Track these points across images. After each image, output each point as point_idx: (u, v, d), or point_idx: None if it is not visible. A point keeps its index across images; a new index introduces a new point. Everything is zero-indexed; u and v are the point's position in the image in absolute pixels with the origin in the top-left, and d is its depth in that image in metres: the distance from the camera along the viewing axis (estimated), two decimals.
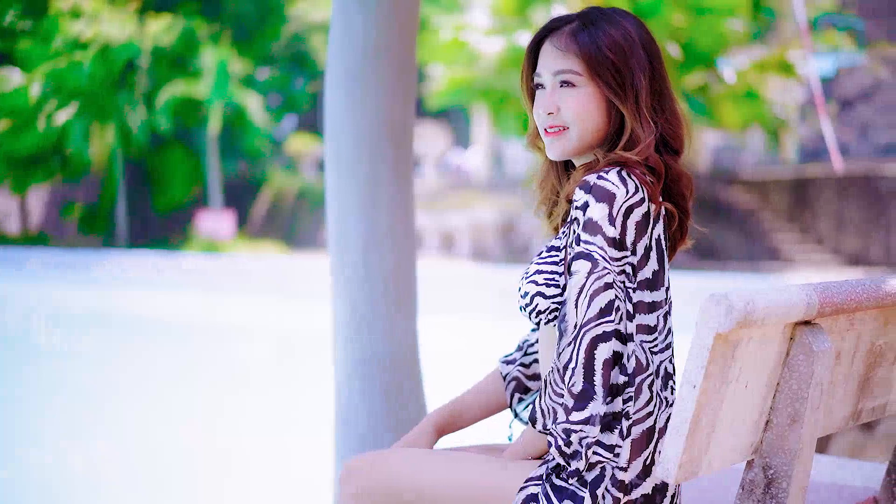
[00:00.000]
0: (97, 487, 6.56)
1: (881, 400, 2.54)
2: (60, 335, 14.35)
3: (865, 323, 2.34)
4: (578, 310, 2.10)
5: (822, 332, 2.13)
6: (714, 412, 1.99)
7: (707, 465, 2.04)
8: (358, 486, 2.30)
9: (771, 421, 2.14)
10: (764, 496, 2.13)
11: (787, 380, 2.12)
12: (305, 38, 32.30)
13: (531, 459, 2.29)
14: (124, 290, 20.73)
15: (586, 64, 2.22)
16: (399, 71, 3.67)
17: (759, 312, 1.93)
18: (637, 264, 2.15)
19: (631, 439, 2.14)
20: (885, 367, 2.49)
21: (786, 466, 2.12)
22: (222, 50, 29.18)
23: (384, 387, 3.67)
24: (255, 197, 32.30)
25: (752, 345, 2.02)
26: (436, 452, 2.35)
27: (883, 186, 20.62)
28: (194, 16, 30.07)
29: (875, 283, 2.27)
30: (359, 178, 3.66)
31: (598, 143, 2.28)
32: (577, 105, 2.23)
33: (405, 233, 3.70)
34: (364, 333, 3.66)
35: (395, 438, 3.64)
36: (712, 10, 20.91)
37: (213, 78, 28.71)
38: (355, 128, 3.64)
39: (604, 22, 2.24)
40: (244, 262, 25.30)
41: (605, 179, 2.13)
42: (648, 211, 2.16)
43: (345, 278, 3.69)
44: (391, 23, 3.63)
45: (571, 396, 2.09)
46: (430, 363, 4.34)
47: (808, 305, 2.06)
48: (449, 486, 2.24)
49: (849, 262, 20.62)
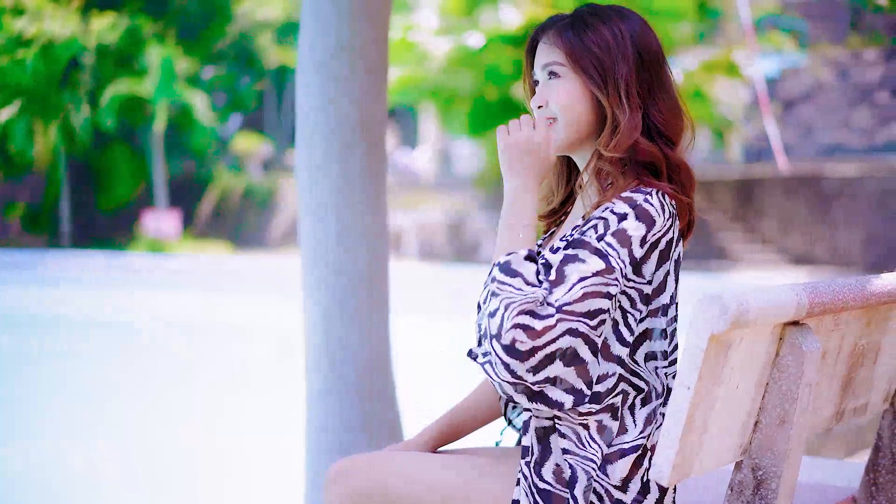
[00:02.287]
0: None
1: (863, 400, 2.54)
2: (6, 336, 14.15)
3: (849, 323, 2.34)
4: (566, 290, 2.05)
5: (811, 332, 2.12)
6: (706, 413, 1.97)
7: (699, 465, 2.02)
8: (347, 488, 2.27)
9: (760, 422, 2.13)
10: (753, 497, 2.12)
11: (776, 380, 2.11)
12: (252, 36, 32.11)
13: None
14: (69, 291, 20.47)
15: (568, 55, 2.24)
16: (371, 68, 3.63)
17: (752, 313, 1.92)
18: (652, 293, 2.15)
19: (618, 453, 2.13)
20: (866, 367, 2.50)
21: (775, 467, 2.11)
22: (168, 48, 28.94)
23: (357, 388, 3.63)
24: (201, 196, 32.06)
25: (743, 345, 2.00)
26: (426, 455, 2.32)
27: (827, 186, 20.85)
28: (139, 14, 29.79)
29: (860, 283, 2.27)
30: (331, 177, 3.62)
31: (588, 137, 2.27)
32: (562, 95, 2.24)
33: (379, 232, 3.66)
34: (336, 334, 3.62)
35: (367, 440, 3.60)
36: (659, 12, 21.07)
37: (158, 76, 28.46)
38: (328, 126, 3.60)
39: (593, 17, 2.26)
40: (188, 261, 25.10)
41: (651, 204, 2.13)
42: (673, 237, 2.16)
43: (316, 278, 3.64)
44: (363, 19, 3.59)
45: (515, 348, 2.03)
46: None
47: (799, 306, 2.05)
48: (440, 488, 2.22)
49: (794, 262, 20.83)
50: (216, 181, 32.00)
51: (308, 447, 3.70)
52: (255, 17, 31.72)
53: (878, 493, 2.67)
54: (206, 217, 31.70)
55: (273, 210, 30.70)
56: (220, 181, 31.98)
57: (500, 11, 23.02)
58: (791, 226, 21.25)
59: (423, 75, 23.22)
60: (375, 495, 2.24)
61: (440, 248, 24.89)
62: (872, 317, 2.42)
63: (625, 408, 2.15)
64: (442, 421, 2.51)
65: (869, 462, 2.69)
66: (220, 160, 33.08)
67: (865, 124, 24.17)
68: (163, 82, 28.41)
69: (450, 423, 2.51)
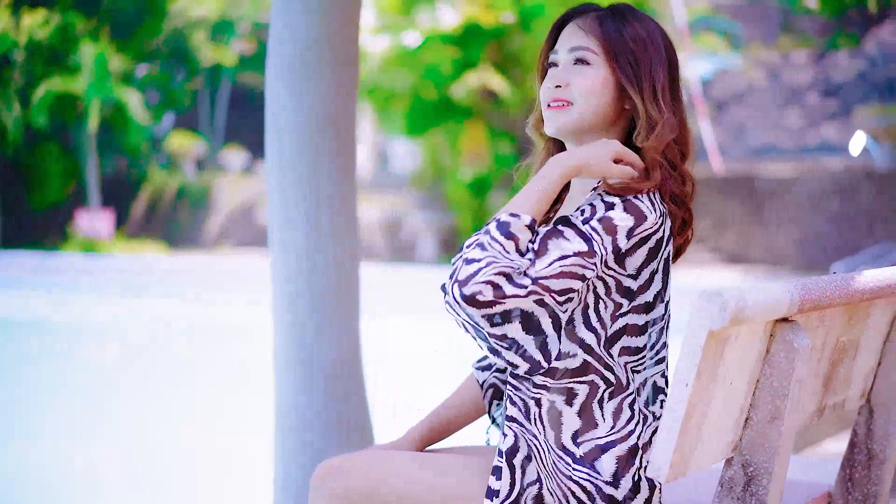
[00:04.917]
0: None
1: (842, 396, 2.57)
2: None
3: (833, 320, 2.36)
4: (544, 266, 2.04)
5: (801, 329, 2.14)
6: (703, 410, 1.98)
7: (695, 463, 2.03)
8: (333, 490, 2.24)
9: (751, 418, 2.14)
10: (744, 493, 2.13)
11: (767, 377, 2.13)
12: (186, 34, 31.79)
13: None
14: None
15: (605, 46, 2.22)
16: (341, 63, 3.61)
17: (749, 310, 1.93)
18: (638, 289, 2.16)
19: (597, 450, 2.13)
20: (846, 363, 2.52)
21: (766, 464, 2.12)
22: (101, 45, 28.56)
23: (326, 388, 3.60)
24: (134, 195, 31.70)
25: (738, 342, 2.01)
26: (412, 454, 2.30)
27: (761, 187, 21.11)
28: (71, 10, 29.37)
29: (845, 280, 2.29)
30: (302, 175, 3.58)
31: (597, 130, 2.26)
32: (588, 82, 2.23)
33: (349, 231, 3.63)
34: (305, 335, 3.58)
35: (337, 440, 3.57)
36: None
37: (91, 74, 28.08)
38: (297, 123, 3.56)
39: (631, 16, 2.26)
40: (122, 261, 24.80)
41: (641, 201, 2.13)
42: (663, 237, 2.16)
43: (285, 278, 3.60)
44: (332, 16, 3.56)
45: (471, 297, 2.00)
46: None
47: (791, 303, 2.06)
48: (426, 488, 2.20)
49: (729, 261, 21.05)
50: (150, 180, 31.66)
51: (277, 448, 3.66)
52: (190, 15, 31.40)
53: (854, 489, 2.70)
54: (139, 216, 31.35)
55: (207, 209, 30.46)
56: (153, 180, 31.65)
57: (438, 10, 23.04)
58: (725, 225, 21.48)
59: (361, 74, 23.16)
60: (375, 495, 2.22)
61: (377, 247, 24.84)
62: (853, 313, 2.45)
63: (594, 401, 2.15)
64: (428, 420, 2.50)
65: (845, 458, 2.71)
66: (153, 159, 32.73)
67: (796, 125, 24.49)
68: (96, 80, 28.05)
69: (436, 423, 2.49)
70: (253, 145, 32.82)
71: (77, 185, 31.16)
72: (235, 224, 29.78)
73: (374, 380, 3.73)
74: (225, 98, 34.38)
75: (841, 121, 23.92)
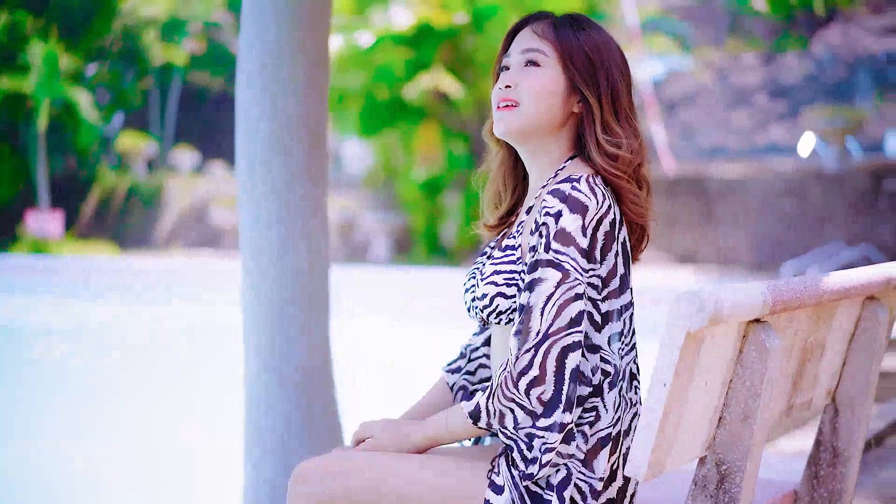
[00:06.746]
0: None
1: (808, 395, 2.61)
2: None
3: (801, 321, 2.41)
4: (544, 318, 2.09)
5: (773, 330, 2.18)
6: (680, 410, 2.01)
7: (671, 462, 2.06)
8: (311, 491, 2.24)
9: (724, 417, 2.18)
10: (717, 491, 2.17)
11: (740, 376, 2.16)
12: (137, 33, 31.57)
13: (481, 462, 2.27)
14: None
15: (557, 49, 2.24)
16: (312, 66, 3.60)
17: (726, 311, 1.96)
18: (606, 275, 2.18)
19: (598, 445, 2.16)
20: (813, 363, 2.57)
21: (739, 462, 2.16)
22: (50, 44, 28.30)
23: (297, 390, 3.60)
24: (84, 196, 31.43)
25: (714, 342, 2.05)
26: (390, 455, 2.31)
27: (711, 188, 21.30)
28: (20, 9, 29.07)
29: (814, 281, 2.33)
30: (273, 178, 3.57)
31: (545, 133, 2.28)
32: (537, 83, 2.24)
33: (320, 234, 3.63)
34: (275, 338, 3.57)
35: (307, 442, 3.56)
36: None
37: (40, 73, 27.82)
38: (269, 126, 3.55)
39: (587, 24, 2.28)
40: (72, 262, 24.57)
41: (579, 191, 2.14)
42: (615, 218, 2.19)
43: (255, 280, 3.59)
44: (303, 17, 3.56)
45: (540, 404, 2.09)
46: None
47: (764, 303, 2.10)
48: (426, 488, 2.21)
49: (680, 260, 21.22)
50: (100, 180, 31.41)
51: (247, 450, 3.65)
52: (140, 14, 31.21)
53: (819, 486, 2.75)
54: (89, 217, 31.09)
55: (158, 210, 30.26)
56: (103, 180, 31.40)
57: (391, 11, 23.03)
58: (676, 226, 21.65)
59: None
60: (375, 495, 2.22)
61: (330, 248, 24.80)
62: (820, 314, 2.49)
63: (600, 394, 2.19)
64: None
65: (810, 456, 2.76)
66: (103, 159, 32.47)
67: (745, 126, 24.73)
68: (45, 79, 27.80)
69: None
70: (204, 145, 32.65)
71: (26, 185, 30.86)
72: (187, 225, 29.62)
73: (342, 382, 3.74)
74: (175, 98, 34.18)
75: (789, 122, 24.20)
